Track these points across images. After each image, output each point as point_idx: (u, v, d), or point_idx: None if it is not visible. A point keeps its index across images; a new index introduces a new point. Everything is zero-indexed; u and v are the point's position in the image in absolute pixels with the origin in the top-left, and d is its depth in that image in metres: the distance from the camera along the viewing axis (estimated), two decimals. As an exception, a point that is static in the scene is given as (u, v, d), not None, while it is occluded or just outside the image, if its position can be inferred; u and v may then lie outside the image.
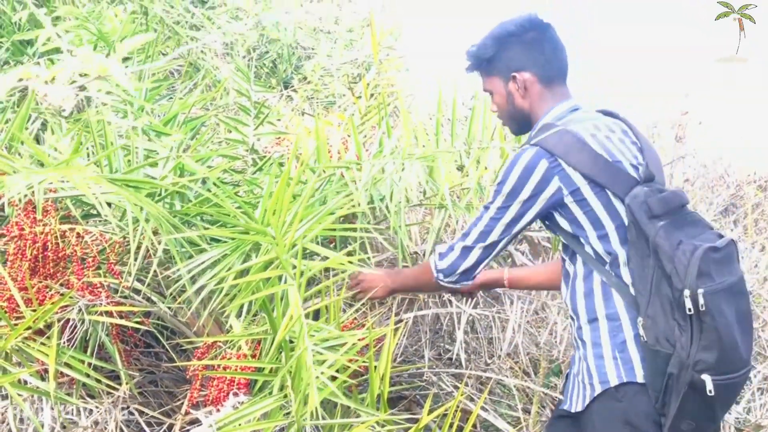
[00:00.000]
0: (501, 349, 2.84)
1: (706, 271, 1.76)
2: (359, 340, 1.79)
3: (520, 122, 2.06)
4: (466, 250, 1.98)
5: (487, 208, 1.96)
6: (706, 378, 1.77)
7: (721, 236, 1.87)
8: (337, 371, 1.76)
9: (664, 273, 1.79)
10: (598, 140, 1.91)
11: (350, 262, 1.94)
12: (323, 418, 1.79)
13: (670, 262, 1.78)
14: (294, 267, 1.73)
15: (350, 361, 1.81)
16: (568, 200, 1.89)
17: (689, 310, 1.76)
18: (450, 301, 2.78)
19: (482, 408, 2.76)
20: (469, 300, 2.62)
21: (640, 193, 1.84)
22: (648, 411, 1.86)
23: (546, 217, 1.97)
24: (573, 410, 1.97)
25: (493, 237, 1.95)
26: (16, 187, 1.63)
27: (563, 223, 1.94)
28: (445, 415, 1.93)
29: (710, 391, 1.77)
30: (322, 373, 1.64)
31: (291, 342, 1.80)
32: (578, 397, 1.96)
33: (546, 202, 1.90)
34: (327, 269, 2.17)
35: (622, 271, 1.90)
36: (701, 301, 1.75)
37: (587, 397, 1.93)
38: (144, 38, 2.18)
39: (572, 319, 2.01)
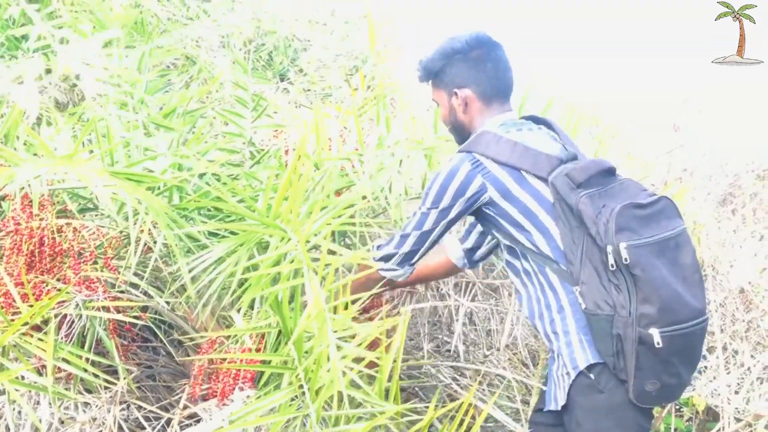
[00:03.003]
0: (499, 341, 2.84)
1: (626, 226, 1.83)
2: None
3: (461, 134, 2.15)
4: (404, 237, 2.06)
5: (419, 209, 2.04)
6: (653, 331, 1.81)
7: (653, 195, 1.92)
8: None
9: (590, 236, 1.86)
10: (517, 136, 2.00)
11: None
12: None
13: (594, 225, 1.84)
14: (314, 260, 1.72)
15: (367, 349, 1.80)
16: (496, 196, 1.97)
17: (611, 266, 1.83)
18: (448, 294, 2.78)
19: (480, 399, 2.76)
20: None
21: (562, 169, 1.93)
22: (629, 400, 1.89)
23: (484, 219, 2.05)
24: (558, 407, 1.99)
25: (428, 226, 2.02)
26: (25, 178, 1.62)
27: (500, 222, 2.00)
28: (447, 409, 1.92)
29: (658, 344, 1.81)
30: (342, 364, 1.62)
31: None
32: (560, 390, 1.99)
33: (471, 198, 1.98)
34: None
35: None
36: (624, 254, 1.80)
37: (567, 387, 1.95)
38: (113, 33, 2.15)
39: (543, 316, 2.02)
